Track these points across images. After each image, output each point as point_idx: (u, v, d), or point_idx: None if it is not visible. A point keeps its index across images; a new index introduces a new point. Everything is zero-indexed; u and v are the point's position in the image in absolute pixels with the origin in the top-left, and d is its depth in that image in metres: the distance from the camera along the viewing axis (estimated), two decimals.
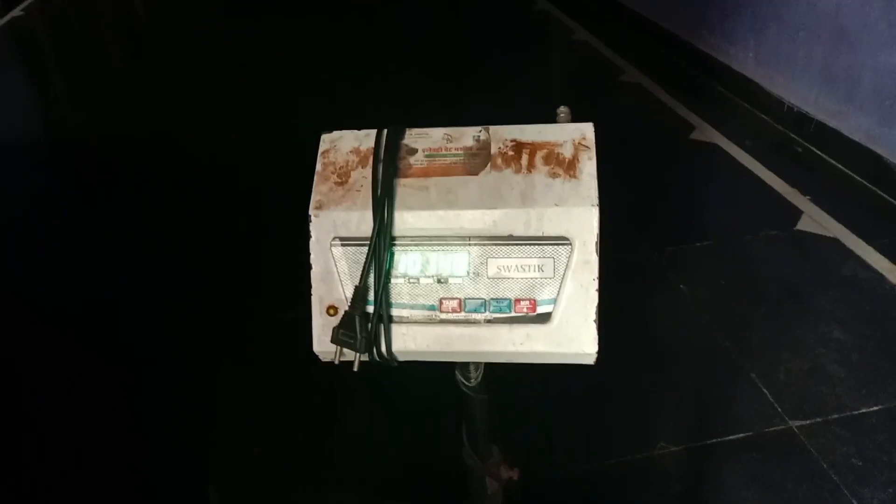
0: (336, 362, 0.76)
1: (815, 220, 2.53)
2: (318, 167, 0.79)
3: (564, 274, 0.73)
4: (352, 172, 0.77)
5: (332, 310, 0.76)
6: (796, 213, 2.58)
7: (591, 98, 3.61)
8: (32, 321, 2.28)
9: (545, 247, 0.73)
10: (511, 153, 0.76)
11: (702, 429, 1.72)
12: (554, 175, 0.74)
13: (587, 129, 0.77)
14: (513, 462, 1.09)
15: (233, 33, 4.96)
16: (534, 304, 0.73)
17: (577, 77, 4.15)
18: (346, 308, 0.75)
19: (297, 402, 1.89)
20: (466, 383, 0.89)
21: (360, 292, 0.74)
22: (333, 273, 0.75)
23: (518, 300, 0.73)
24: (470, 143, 0.77)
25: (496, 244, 0.73)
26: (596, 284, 0.73)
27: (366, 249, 0.74)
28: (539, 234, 0.73)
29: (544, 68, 4.35)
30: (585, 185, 0.73)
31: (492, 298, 0.74)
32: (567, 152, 0.75)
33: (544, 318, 0.73)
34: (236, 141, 3.45)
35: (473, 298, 0.74)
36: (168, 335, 2.18)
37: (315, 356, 0.78)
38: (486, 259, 0.73)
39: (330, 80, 4.01)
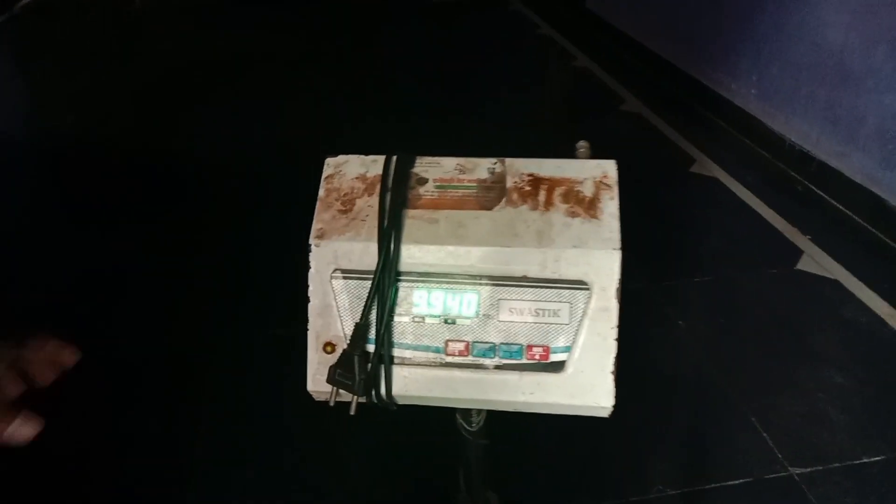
0: (331, 404, 0.70)
1: (816, 261, 2.50)
2: (321, 193, 0.74)
3: (581, 320, 0.68)
4: (357, 200, 0.72)
5: (329, 347, 0.70)
6: (797, 253, 2.55)
7: (590, 126, 3.59)
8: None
9: (562, 290, 0.68)
10: (528, 188, 0.71)
11: (700, 472, 1.67)
12: (573, 214, 0.69)
13: (609, 167, 0.72)
14: None
15: (230, 41, 4.94)
16: (547, 351, 0.68)
17: (577, 104, 4.13)
18: (345, 346, 0.69)
19: (282, 429, 1.82)
20: (467, 427, 0.84)
21: (360, 330, 0.69)
22: (332, 307, 0.70)
23: (530, 346, 0.68)
24: (484, 175, 0.73)
25: (509, 285, 0.68)
26: (615, 333, 0.68)
27: (368, 284, 0.69)
28: (555, 276, 0.68)
29: (544, 94, 4.34)
30: (607, 227, 0.69)
31: (502, 343, 0.69)
32: (587, 191, 0.71)
33: (557, 366, 0.68)
34: (232, 149, 3.41)
35: (482, 342, 0.69)
36: (151, 346, 2.11)
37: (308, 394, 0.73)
38: (498, 300, 0.68)
39: (324, 92, 3.99)
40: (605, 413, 0.70)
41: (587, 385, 0.69)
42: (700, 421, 1.82)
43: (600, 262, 0.67)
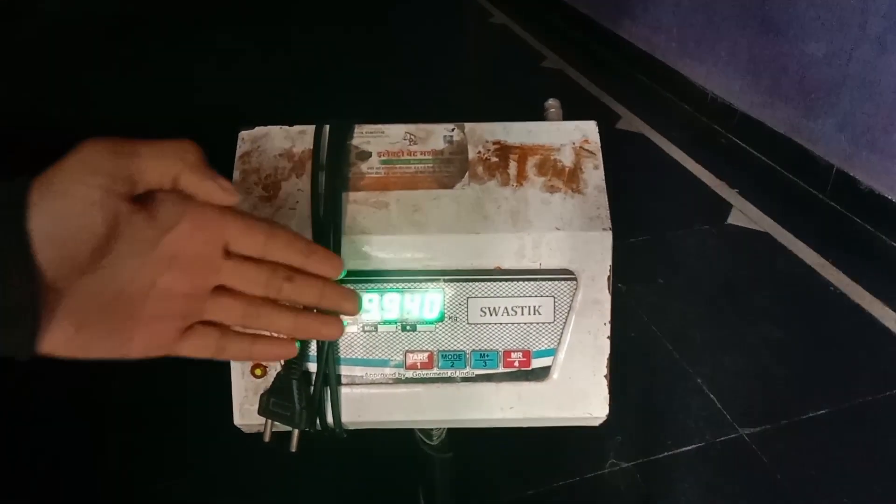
0: (266, 440, 0.57)
1: (745, 214, 2.49)
2: (236, 175, 0.58)
3: (567, 317, 0.56)
4: (282, 184, 0.58)
5: (258, 369, 0.56)
6: (726, 207, 2.54)
7: (511, 84, 3.48)
8: None
9: (543, 283, 0.56)
10: (495, 159, 0.58)
11: (653, 441, 1.62)
12: (552, 189, 0.57)
13: (590, 130, 0.60)
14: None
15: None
16: (528, 356, 0.57)
17: (497, 61, 4.01)
18: (279, 367, 0.56)
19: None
20: (428, 442, 0.72)
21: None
22: None
23: (508, 352, 0.57)
24: (440, 144, 0.59)
25: (479, 280, 0.56)
26: (608, 330, 0.57)
27: None
28: (535, 265, 0.56)
29: (462, 51, 4.19)
30: (593, 203, 0.57)
31: (474, 350, 0.56)
32: (566, 159, 0.59)
33: (541, 373, 0.57)
34: (129, 120, 3.11)
35: (449, 351, 0.57)
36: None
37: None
38: (467, 299, 0.56)
39: (233, 49, 3.71)
40: (597, 422, 0.60)
41: (576, 393, 0.58)
42: (649, 387, 1.77)
43: (588, 245, 0.56)
